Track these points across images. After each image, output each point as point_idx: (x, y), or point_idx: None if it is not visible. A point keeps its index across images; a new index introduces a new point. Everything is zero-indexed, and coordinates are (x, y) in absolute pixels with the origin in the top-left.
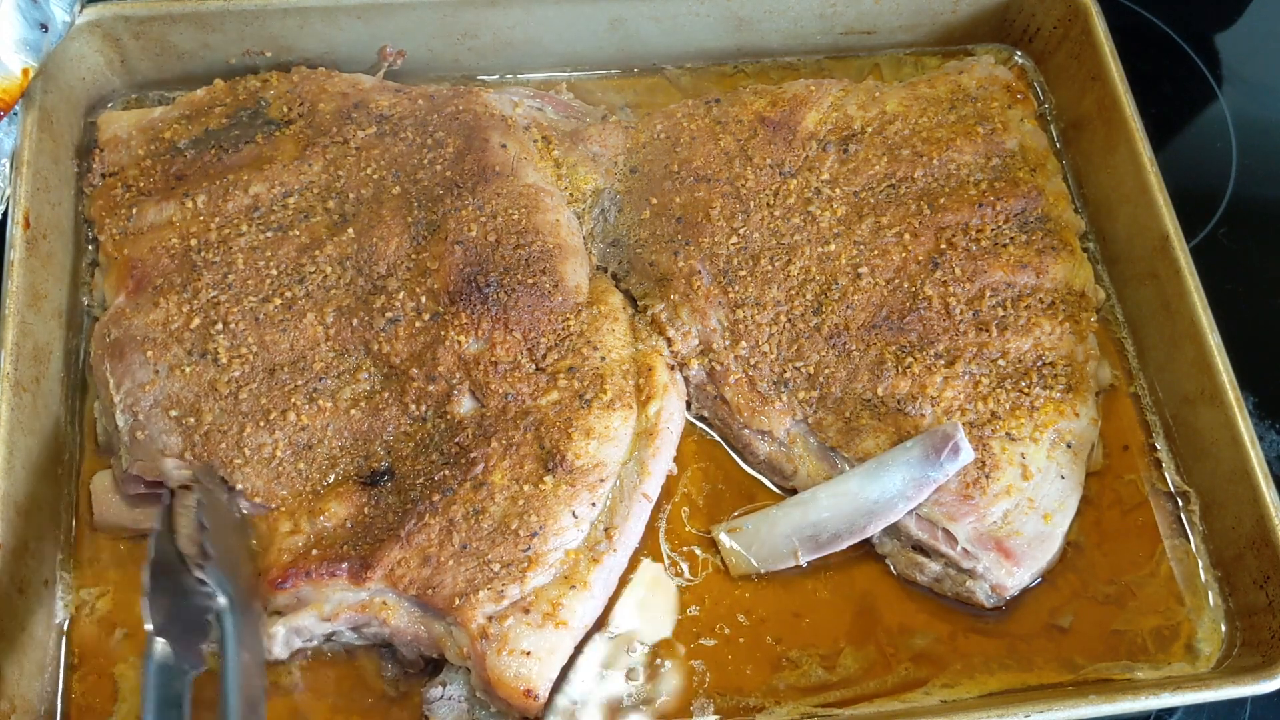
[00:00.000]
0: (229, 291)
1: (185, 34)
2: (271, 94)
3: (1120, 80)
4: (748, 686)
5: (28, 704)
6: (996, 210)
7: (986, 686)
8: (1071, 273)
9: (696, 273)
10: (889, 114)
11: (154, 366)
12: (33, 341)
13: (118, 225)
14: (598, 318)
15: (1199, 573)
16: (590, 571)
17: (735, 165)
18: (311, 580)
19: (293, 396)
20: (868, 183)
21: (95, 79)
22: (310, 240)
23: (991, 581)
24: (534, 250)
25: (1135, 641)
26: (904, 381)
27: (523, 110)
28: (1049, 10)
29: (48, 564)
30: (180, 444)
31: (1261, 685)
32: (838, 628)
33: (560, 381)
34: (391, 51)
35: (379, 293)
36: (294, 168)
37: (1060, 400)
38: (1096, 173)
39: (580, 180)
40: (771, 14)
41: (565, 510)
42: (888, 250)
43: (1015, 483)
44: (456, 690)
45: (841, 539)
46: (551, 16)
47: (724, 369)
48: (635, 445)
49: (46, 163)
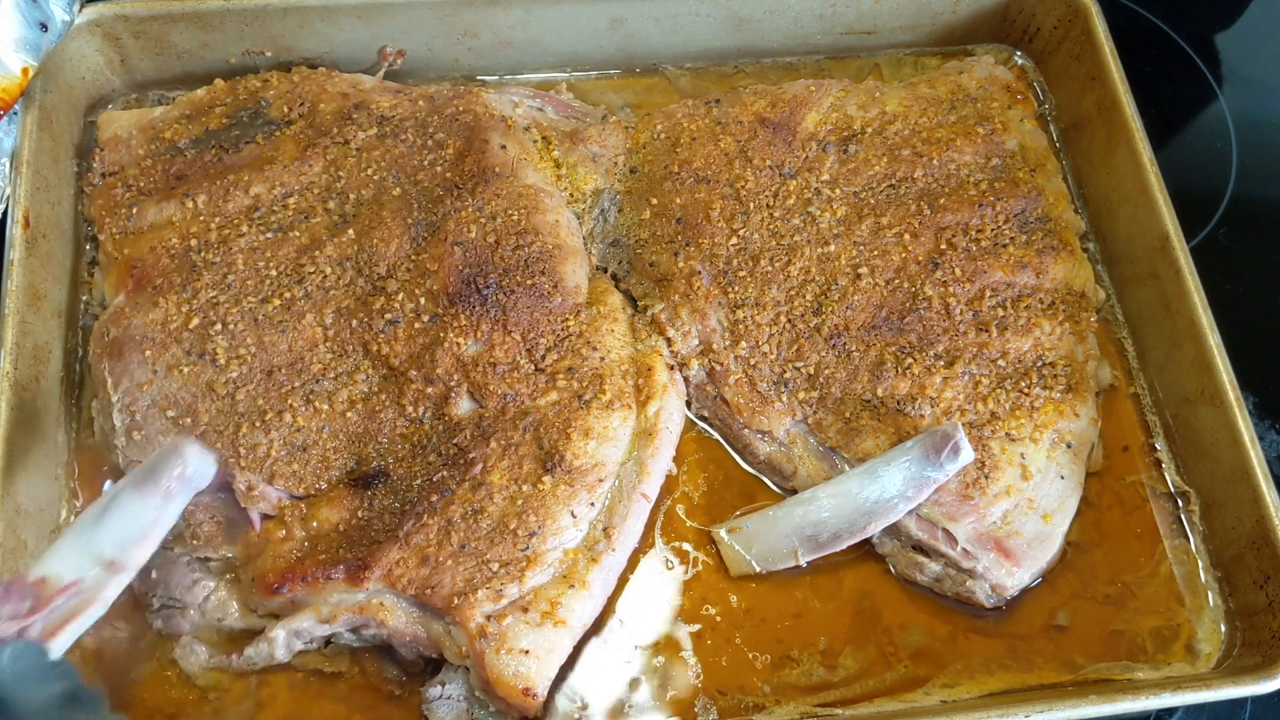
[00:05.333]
0: (228, 292)
1: (185, 34)
2: (272, 94)
3: (1120, 80)
4: (748, 685)
5: None
6: (996, 210)
7: (986, 686)
8: (1071, 273)
9: (696, 273)
10: (889, 114)
11: (152, 366)
12: (33, 341)
13: (118, 225)
14: (597, 318)
15: (1199, 573)
16: (589, 571)
17: (735, 166)
18: (308, 584)
19: (290, 398)
20: (868, 183)
21: (95, 78)
22: (310, 241)
23: (991, 581)
24: (533, 251)
25: (1135, 641)
26: (904, 382)
27: (523, 110)
28: (1049, 10)
29: None
30: None
31: (1261, 685)
32: (838, 627)
33: (559, 382)
34: (391, 51)
35: (378, 294)
36: (294, 168)
37: (1060, 400)
38: (1096, 173)
39: (580, 180)
40: (771, 14)
41: (564, 510)
42: (888, 251)
43: (1015, 483)
44: (456, 689)
45: (841, 539)
46: (551, 16)
47: (724, 369)
48: (634, 445)
49: (46, 162)
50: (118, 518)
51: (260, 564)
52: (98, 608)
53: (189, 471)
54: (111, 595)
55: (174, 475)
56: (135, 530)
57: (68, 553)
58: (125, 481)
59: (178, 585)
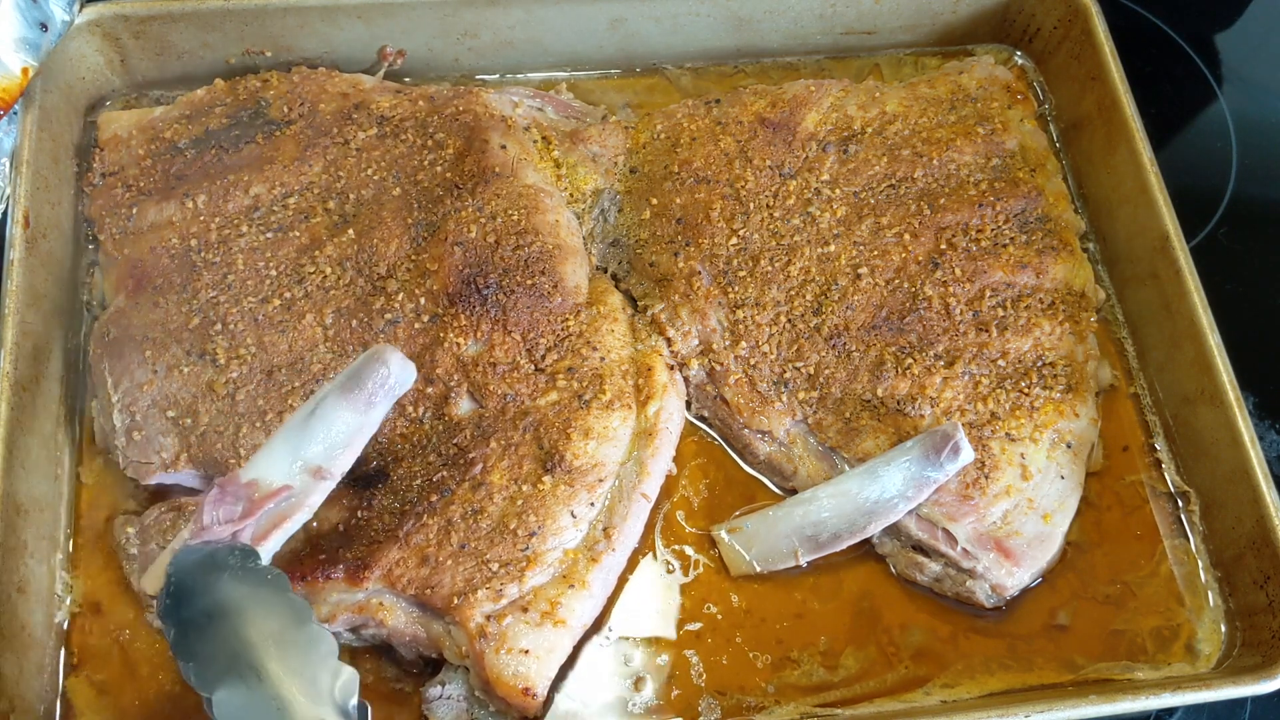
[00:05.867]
0: (228, 292)
1: (185, 34)
2: (272, 94)
3: (1120, 80)
4: (749, 685)
5: (27, 704)
6: (996, 210)
7: (987, 686)
8: (1071, 273)
9: (696, 273)
10: (889, 114)
11: (152, 366)
12: (33, 341)
13: (118, 225)
14: (597, 318)
15: (1199, 573)
16: (589, 571)
17: (735, 166)
18: (307, 584)
19: (290, 398)
20: (868, 183)
21: (95, 78)
22: (310, 241)
23: (991, 581)
24: (533, 251)
25: (1135, 642)
26: (904, 382)
27: (523, 110)
28: (1049, 10)
29: (48, 564)
30: (176, 445)
31: (1261, 685)
32: (838, 628)
33: (559, 382)
34: (391, 51)
35: (378, 294)
36: (294, 168)
37: (1060, 400)
38: (1096, 173)
39: (580, 180)
40: (771, 14)
41: (564, 510)
42: (887, 251)
43: (1015, 483)
44: (455, 689)
45: (841, 539)
46: (551, 16)
47: (724, 369)
48: (634, 445)
49: (46, 162)
50: (323, 425)
51: None
52: (304, 513)
53: (391, 379)
54: (317, 501)
55: (377, 382)
56: (340, 437)
57: (276, 458)
58: (330, 388)
59: None
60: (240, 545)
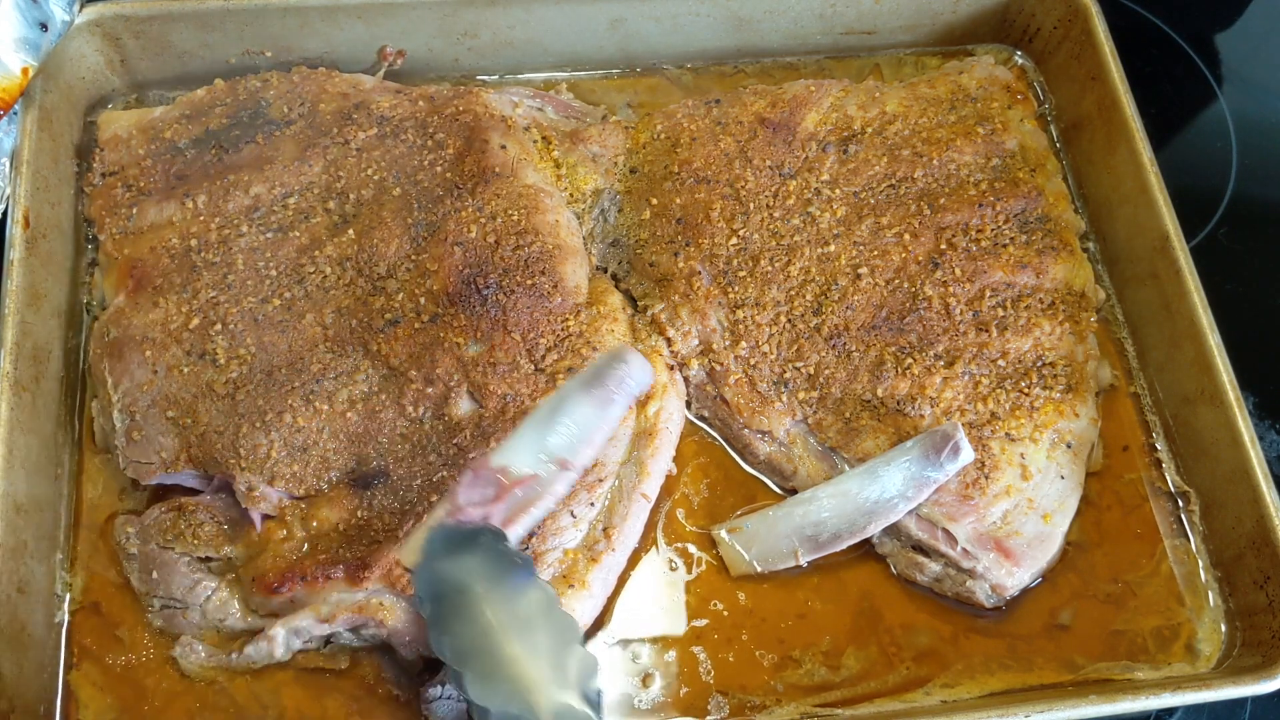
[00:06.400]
0: (228, 292)
1: (185, 34)
2: (272, 94)
3: (1120, 80)
4: (751, 685)
5: (27, 703)
6: (996, 210)
7: (987, 686)
8: (1071, 273)
9: (696, 273)
10: (889, 114)
11: (152, 366)
12: (33, 341)
13: (118, 225)
14: (597, 318)
15: (1199, 573)
16: (589, 571)
17: (735, 166)
18: (308, 584)
19: (290, 398)
20: (868, 183)
21: (95, 78)
22: (310, 241)
23: (991, 581)
24: (533, 251)
25: (1135, 641)
26: (903, 382)
27: (523, 110)
28: (1049, 10)
29: (48, 564)
30: (176, 445)
31: (1261, 685)
32: (839, 628)
33: (559, 382)
34: (391, 51)
35: (378, 294)
36: (294, 168)
37: (1060, 400)
38: (1096, 173)
39: (580, 180)
40: (771, 14)
41: (564, 510)
42: (887, 251)
43: (1015, 483)
44: (455, 689)
45: (841, 539)
46: (551, 16)
47: (724, 369)
48: (634, 445)
49: (46, 162)
50: (567, 419)
51: (260, 564)
52: (548, 501)
53: (631, 380)
54: (562, 492)
55: (618, 381)
56: (582, 432)
57: (522, 448)
58: (573, 384)
59: (179, 586)
60: (492, 527)
